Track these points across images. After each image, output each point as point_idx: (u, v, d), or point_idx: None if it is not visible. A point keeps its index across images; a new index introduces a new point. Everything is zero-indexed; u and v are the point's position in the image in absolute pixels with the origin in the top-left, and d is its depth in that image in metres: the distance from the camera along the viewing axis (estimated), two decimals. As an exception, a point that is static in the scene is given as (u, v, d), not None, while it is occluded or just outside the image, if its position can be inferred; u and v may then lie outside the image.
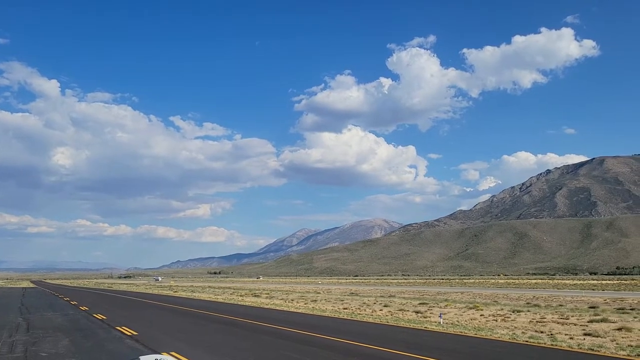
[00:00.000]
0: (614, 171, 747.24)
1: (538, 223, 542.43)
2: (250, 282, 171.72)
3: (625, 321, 25.77)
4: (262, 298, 55.22)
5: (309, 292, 71.45)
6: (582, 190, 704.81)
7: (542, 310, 33.83)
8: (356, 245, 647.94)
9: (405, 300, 48.30)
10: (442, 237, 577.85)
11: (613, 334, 21.12)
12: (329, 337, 20.57)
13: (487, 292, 70.09)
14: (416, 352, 16.17)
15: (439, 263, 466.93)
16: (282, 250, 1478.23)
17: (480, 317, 29.37)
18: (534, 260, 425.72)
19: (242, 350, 17.68)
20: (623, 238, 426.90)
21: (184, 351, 16.40)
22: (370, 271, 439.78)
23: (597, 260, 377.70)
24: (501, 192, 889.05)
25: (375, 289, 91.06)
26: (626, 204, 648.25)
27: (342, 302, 44.97)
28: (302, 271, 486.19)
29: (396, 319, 28.83)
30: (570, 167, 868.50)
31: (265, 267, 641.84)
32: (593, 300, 47.22)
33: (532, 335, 20.33)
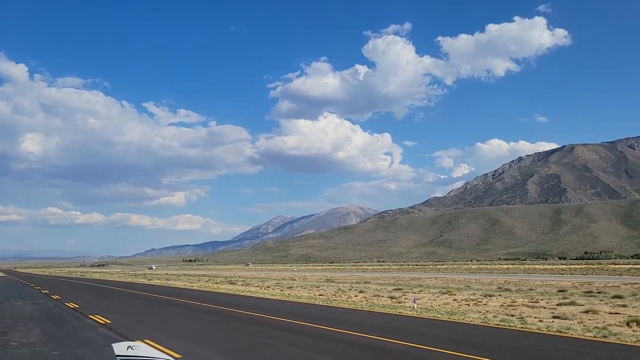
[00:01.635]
0: (583, 158, 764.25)
1: (510, 209, 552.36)
2: (226, 270, 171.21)
3: (592, 304, 26.53)
4: (237, 285, 55.13)
5: (285, 279, 71.62)
6: (552, 177, 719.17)
7: (513, 295, 34.58)
8: (332, 232, 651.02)
9: (380, 286, 48.81)
10: (416, 223, 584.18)
11: (580, 316, 21.73)
12: (305, 323, 20.68)
13: (460, 278, 71.29)
14: (390, 337, 16.38)
15: (413, 249, 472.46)
16: (257, 237, 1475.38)
17: (453, 302, 29.87)
18: (505, 245, 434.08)
19: (217, 337, 17.66)
20: (591, 224, 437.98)
21: (159, 339, 16.31)
22: (346, 258, 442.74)
23: (566, 245, 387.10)
24: (474, 179, 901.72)
25: (350, 275, 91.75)
26: (594, 190, 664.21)
27: (317, 289, 45.21)
28: (277, 258, 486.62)
29: (371, 304, 29.13)
30: (541, 154, 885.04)
31: (241, 254, 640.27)
32: (562, 285, 48.44)
33: (503, 319, 20.79)
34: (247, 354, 14.32)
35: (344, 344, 15.38)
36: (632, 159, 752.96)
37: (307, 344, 15.67)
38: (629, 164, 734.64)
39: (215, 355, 14.04)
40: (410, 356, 13.49)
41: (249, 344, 15.93)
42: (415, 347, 14.66)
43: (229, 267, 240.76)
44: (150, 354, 6.84)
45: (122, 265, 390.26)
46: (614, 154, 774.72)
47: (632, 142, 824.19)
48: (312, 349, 14.78)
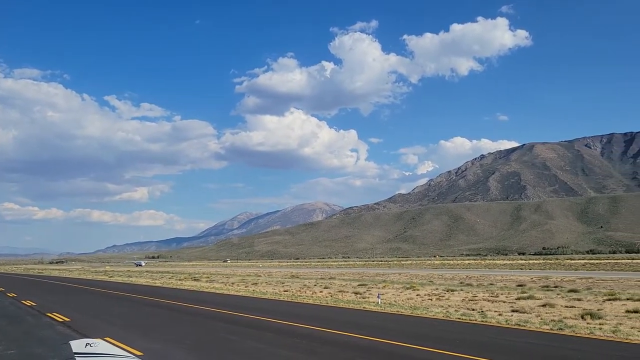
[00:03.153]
0: (542, 157, 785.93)
1: (472, 206, 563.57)
2: (190, 266, 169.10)
3: (549, 298, 27.33)
4: (202, 282, 54.58)
5: (250, 276, 71.28)
6: (513, 174, 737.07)
7: (474, 289, 35.31)
8: (297, 229, 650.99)
9: (345, 281, 49.10)
10: (381, 220, 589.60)
11: (538, 310, 22.37)
12: (269, 319, 20.63)
13: (423, 273, 72.38)
14: (354, 331, 16.51)
15: (378, 245, 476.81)
16: (222, 233, 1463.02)
17: (416, 297, 30.31)
18: (467, 241, 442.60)
19: (180, 333, 17.44)
20: (549, 220, 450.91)
21: (119, 336, 16.00)
22: (311, 254, 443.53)
23: (525, 241, 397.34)
24: (438, 176, 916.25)
25: (316, 271, 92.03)
26: (552, 188, 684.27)
27: (282, 285, 45.17)
28: (242, 255, 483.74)
29: (336, 300, 29.28)
30: (502, 152, 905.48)
31: (206, 250, 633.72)
32: (521, 279, 49.77)
33: (465, 313, 21.21)
34: (209, 350, 14.19)
35: (308, 339, 15.41)
36: (588, 157, 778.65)
37: (271, 340, 15.64)
38: (585, 163, 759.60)
39: (178, 352, 13.87)
40: (374, 350, 13.63)
41: (212, 340, 15.80)
42: (379, 341, 14.82)
43: (193, 264, 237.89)
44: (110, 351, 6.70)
45: (83, 262, 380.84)
46: (571, 153, 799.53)
47: (589, 141, 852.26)
48: (276, 345, 14.76)
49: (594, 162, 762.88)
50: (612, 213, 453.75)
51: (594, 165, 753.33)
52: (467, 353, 12.64)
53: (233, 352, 13.76)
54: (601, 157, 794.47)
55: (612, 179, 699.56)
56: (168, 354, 13.62)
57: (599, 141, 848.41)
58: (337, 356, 13.08)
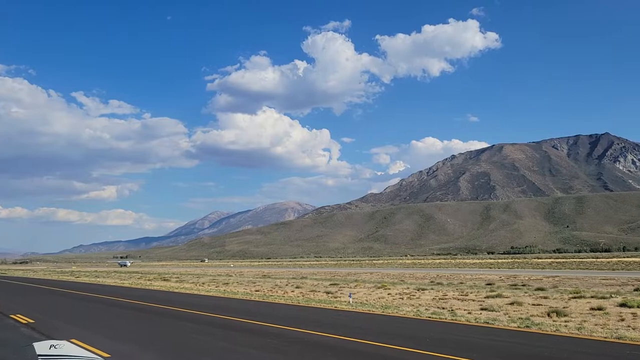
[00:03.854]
0: (511, 157, 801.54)
1: (443, 206, 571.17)
2: (159, 267, 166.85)
3: (517, 296, 27.84)
4: (171, 282, 53.89)
5: (221, 275, 70.71)
6: (483, 175, 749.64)
7: (444, 288, 35.72)
8: (269, 228, 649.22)
9: (316, 281, 49.12)
10: (353, 219, 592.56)
11: (506, 308, 22.76)
12: (240, 319, 20.47)
13: (394, 272, 72.96)
14: (325, 331, 16.49)
15: (350, 245, 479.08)
16: (193, 233, 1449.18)
17: (387, 296, 30.49)
18: (438, 241, 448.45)
19: (148, 334, 17.16)
20: (517, 220, 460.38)
21: (86, 337, 15.63)
22: (283, 253, 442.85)
23: (494, 240, 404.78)
24: (410, 176, 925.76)
25: (287, 271, 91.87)
26: (521, 188, 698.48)
27: (254, 285, 44.92)
28: (214, 254, 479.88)
29: (307, 299, 29.25)
30: (472, 152, 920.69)
31: (176, 250, 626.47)
32: (490, 278, 50.61)
33: (435, 312, 21.43)
34: (179, 351, 13.98)
35: (279, 339, 15.34)
36: (555, 158, 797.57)
37: (242, 340, 15.51)
38: (552, 164, 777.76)
39: (146, 354, 13.63)
40: (345, 349, 13.63)
41: (182, 341, 15.58)
42: (350, 340, 14.83)
43: (162, 264, 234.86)
44: (75, 353, 6.53)
45: (48, 263, 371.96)
46: (539, 154, 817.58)
47: (556, 142, 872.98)
48: (247, 345, 14.64)
49: (560, 163, 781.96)
50: (578, 213, 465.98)
51: (560, 166, 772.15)
52: (436, 351, 12.76)
53: (203, 353, 13.58)
54: (567, 158, 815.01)
55: (577, 180, 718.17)
56: (136, 356, 13.37)
57: (566, 142, 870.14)
58: (308, 355, 13.05)
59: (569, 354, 12.57)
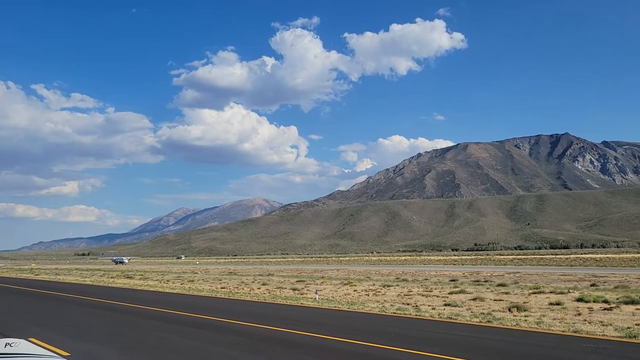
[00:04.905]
0: (475, 156, 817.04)
1: (409, 203, 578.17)
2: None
3: (480, 292, 28.45)
4: (135, 279, 52.99)
5: (186, 273, 69.90)
6: (448, 173, 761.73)
7: (409, 285, 36.22)
8: (236, 225, 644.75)
9: (283, 278, 49.09)
10: (320, 216, 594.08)
11: (469, 303, 23.24)
12: (205, 316, 20.32)
13: (361, 269, 73.51)
14: (291, 327, 16.53)
15: (317, 242, 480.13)
16: (158, 230, 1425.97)
17: (353, 293, 30.72)
18: (404, 238, 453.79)
19: (111, 332, 16.86)
20: (481, 217, 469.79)
21: (45, 336, 15.25)
22: (250, 250, 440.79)
23: (458, 237, 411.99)
24: (377, 174, 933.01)
25: (254, 268, 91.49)
26: (484, 186, 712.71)
27: (220, 282, 44.59)
28: (179, 251, 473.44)
29: (274, 296, 29.23)
30: (438, 151, 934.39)
31: (140, 247, 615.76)
32: (454, 274, 51.54)
33: (400, 307, 21.72)
34: (143, 350, 13.79)
35: (245, 336, 15.30)
36: (518, 157, 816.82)
37: (207, 337, 15.40)
38: (515, 162, 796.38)
39: (108, 352, 13.39)
40: (311, 345, 13.70)
41: (145, 339, 15.37)
42: (316, 336, 14.91)
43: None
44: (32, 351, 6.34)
45: (6, 260, 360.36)
46: (502, 153, 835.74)
47: (518, 142, 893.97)
48: (212, 342, 14.55)
49: (522, 162, 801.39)
50: (538, 211, 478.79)
51: (522, 165, 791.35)
52: (400, 346, 12.95)
53: (168, 351, 13.43)
54: (529, 157, 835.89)
55: (538, 178, 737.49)
56: (97, 354, 13.11)
57: (528, 142, 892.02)
58: (274, 352, 13.06)
59: (529, 348, 12.95)
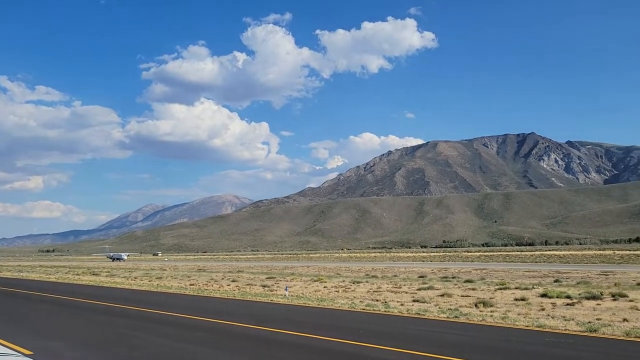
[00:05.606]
0: (445, 154, 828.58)
1: (379, 200, 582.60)
2: (89, 261, 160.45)
3: (448, 288, 28.88)
4: (101, 276, 52.04)
5: (154, 269, 68.97)
6: (417, 170, 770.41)
7: (379, 281, 36.51)
8: (205, 222, 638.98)
9: (253, 275, 48.90)
10: (291, 213, 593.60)
11: (437, 299, 23.57)
12: (173, 313, 20.07)
13: (331, 266, 73.76)
14: (260, 324, 16.46)
15: (287, 238, 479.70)
16: (125, 226, 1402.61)
17: (323, 289, 30.81)
18: (374, 235, 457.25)
19: (76, 330, 16.50)
20: (449, 215, 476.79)
21: (6, 333, 14.78)
22: (220, 247, 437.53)
23: (427, 234, 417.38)
24: (347, 171, 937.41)
25: (224, 264, 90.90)
26: (453, 184, 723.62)
27: (189, 279, 44.14)
28: (147, 248, 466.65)
29: (243, 293, 29.08)
30: (408, 149, 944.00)
31: (107, 244, 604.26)
32: (422, 271, 52.21)
33: (369, 304, 21.87)
34: (108, 347, 13.54)
35: (211, 333, 15.18)
36: (486, 156, 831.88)
37: (176, 335, 15.23)
38: (483, 161, 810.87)
39: (72, 350, 13.10)
40: (278, 342, 13.68)
41: (112, 337, 15.10)
42: (284, 332, 14.89)
43: (92, 258, 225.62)
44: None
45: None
46: (471, 151, 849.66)
47: (486, 140, 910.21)
48: (181, 339, 14.38)
49: (490, 161, 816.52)
50: (505, 208, 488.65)
51: (490, 163, 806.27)
52: (368, 342, 13.05)
53: (135, 349, 13.22)
54: (497, 156, 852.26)
55: (505, 177, 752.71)
56: (61, 352, 12.82)
57: (495, 141, 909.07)
58: (242, 349, 13.00)
59: (494, 342, 13.22)
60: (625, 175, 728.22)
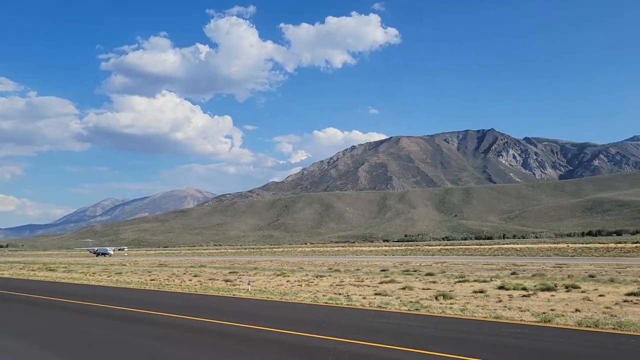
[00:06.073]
0: (407, 149, 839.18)
1: (342, 195, 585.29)
2: (45, 256, 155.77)
3: (409, 281, 29.35)
4: (58, 272, 50.65)
5: (114, 265, 67.56)
6: (380, 165, 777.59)
7: (341, 275, 36.78)
8: (167, 216, 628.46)
9: (216, 269, 48.50)
10: (254, 207, 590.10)
11: (398, 292, 23.93)
12: (133, 309, 19.75)
13: (294, 260, 73.79)
14: (222, 319, 16.39)
15: (250, 233, 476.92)
16: (84, 220, 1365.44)
17: (286, 283, 30.84)
18: (337, 229, 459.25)
19: (32, 327, 16.04)
20: (411, 209, 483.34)
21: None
22: (182, 242, 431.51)
23: (390, 228, 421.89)
24: (311, 166, 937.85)
25: (186, 259, 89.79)
26: (415, 179, 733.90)
27: (149, 274, 43.44)
28: (106, 243, 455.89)
29: (205, 287, 28.84)
30: (372, 144, 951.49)
31: (64, 239, 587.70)
32: (384, 264, 52.83)
33: (332, 297, 22.04)
34: (66, 344, 13.22)
35: (172, 328, 15.02)
36: (447, 152, 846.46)
37: (136, 331, 15.00)
38: (444, 156, 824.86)
39: (28, 348, 12.74)
40: (240, 336, 13.64)
41: (70, 334, 14.75)
42: (246, 327, 14.86)
43: (49, 253, 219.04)
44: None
45: None
46: (432, 147, 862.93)
47: (447, 136, 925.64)
48: (142, 335, 14.18)
49: (451, 156, 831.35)
50: (465, 203, 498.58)
51: (451, 158, 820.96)
52: (330, 335, 13.17)
53: (91, 345, 12.96)
54: (457, 152, 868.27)
55: (466, 172, 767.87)
56: (16, 351, 12.45)
57: (456, 137, 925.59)
58: (201, 343, 12.90)
59: (453, 333, 13.54)
60: (579, 171, 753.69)
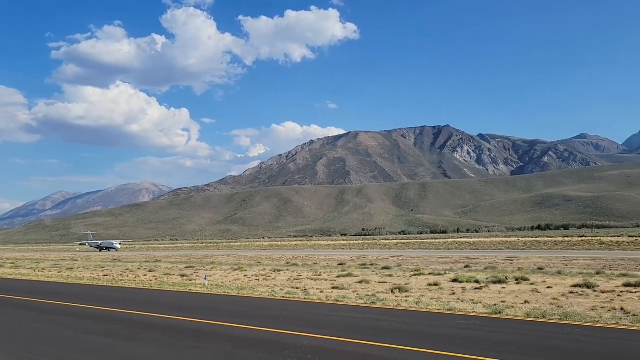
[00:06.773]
0: (365, 144, 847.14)
1: (301, 189, 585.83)
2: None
3: (366, 275, 29.70)
4: (5, 268, 48.75)
5: (65, 260, 65.55)
6: (339, 160, 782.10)
7: (299, 269, 36.87)
8: (121, 210, 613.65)
9: (171, 264, 47.75)
10: (211, 201, 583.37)
11: (355, 286, 24.19)
12: (86, 305, 19.24)
13: (252, 254, 73.45)
14: (178, 314, 16.18)
15: (208, 227, 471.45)
16: (32, 215, 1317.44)
17: (244, 278, 30.69)
18: (295, 223, 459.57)
19: (-24, 327, 15.41)
20: (369, 203, 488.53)
21: None
22: (137, 236, 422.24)
23: (348, 222, 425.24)
24: (270, 160, 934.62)
25: (140, 254, 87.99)
26: (372, 174, 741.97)
27: (102, 269, 42.37)
28: (57, 238, 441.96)
29: (161, 283, 28.39)
30: (330, 138, 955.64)
31: (11, 234, 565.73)
32: (342, 258, 53.23)
33: (289, 291, 22.09)
34: (16, 342, 12.77)
35: (125, 324, 14.73)
36: (404, 147, 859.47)
37: (89, 327, 14.63)
38: (401, 152, 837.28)
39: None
40: (195, 331, 13.52)
41: (16, 331, 14.25)
42: (201, 322, 14.74)
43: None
44: None
45: None
46: (390, 142, 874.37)
47: (404, 132, 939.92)
48: (94, 332, 13.84)
49: (408, 152, 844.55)
50: (421, 198, 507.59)
51: (408, 154, 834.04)
52: (287, 329, 13.22)
53: (42, 343, 12.57)
54: (414, 147, 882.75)
55: (422, 167, 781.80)
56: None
57: (413, 132, 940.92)
58: (158, 339, 12.73)
59: (408, 326, 13.82)
60: (530, 167, 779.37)
